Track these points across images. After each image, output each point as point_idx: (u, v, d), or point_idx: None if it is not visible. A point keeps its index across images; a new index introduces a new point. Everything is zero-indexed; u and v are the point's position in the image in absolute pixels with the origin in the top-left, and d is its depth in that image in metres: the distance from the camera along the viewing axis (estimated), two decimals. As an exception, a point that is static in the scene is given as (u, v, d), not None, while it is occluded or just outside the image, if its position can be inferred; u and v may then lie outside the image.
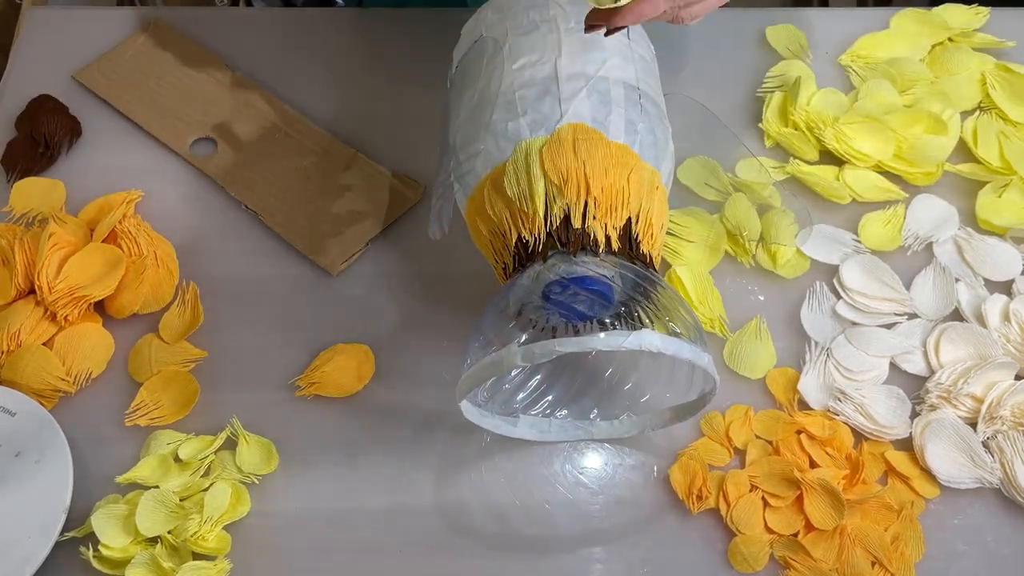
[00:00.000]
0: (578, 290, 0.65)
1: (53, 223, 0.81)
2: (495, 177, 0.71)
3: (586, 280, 0.65)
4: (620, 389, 0.77)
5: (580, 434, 0.75)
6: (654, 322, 0.65)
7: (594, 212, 0.68)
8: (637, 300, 0.66)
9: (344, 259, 0.84)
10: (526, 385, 0.76)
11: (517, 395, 0.76)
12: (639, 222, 0.69)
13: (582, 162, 0.68)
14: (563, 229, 0.68)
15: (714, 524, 0.73)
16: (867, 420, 0.76)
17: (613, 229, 0.68)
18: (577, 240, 0.67)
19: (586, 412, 0.76)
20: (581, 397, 0.76)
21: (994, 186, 0.89)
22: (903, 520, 0.72)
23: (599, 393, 0.77)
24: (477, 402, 0.72)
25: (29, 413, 0.74)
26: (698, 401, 0.71)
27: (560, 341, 0.61)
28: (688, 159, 0.90)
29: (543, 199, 0.69)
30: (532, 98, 0.72)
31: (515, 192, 0.70)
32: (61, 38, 0.98)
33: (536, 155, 0.70)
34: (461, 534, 0.73)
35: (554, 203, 0.68)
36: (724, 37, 1.00)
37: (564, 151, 0.69)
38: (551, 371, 0.76)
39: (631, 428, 0.75)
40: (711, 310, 0.80)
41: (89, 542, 0.70)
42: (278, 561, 0.72)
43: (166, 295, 0.82)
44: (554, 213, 0.68)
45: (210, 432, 0.75)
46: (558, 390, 0.76)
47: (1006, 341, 0.80)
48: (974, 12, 1.00)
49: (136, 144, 0.92)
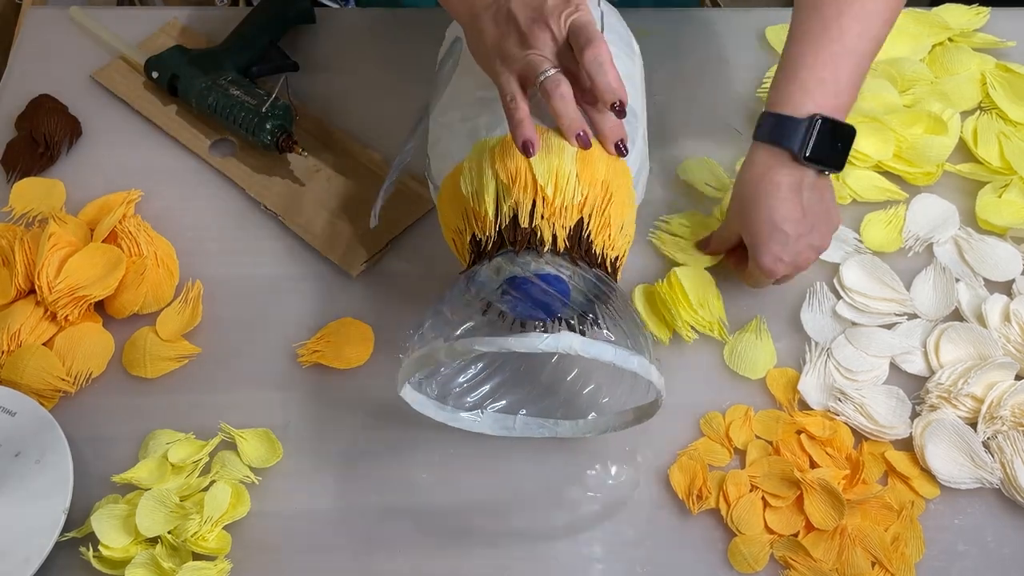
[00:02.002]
0: (533, 289, 0.65)
1: (53, 223, 0.81)
2: (454, 176, 0.72)
3: (535, 280, 0.65)
4: (581, 391, 0.76)
5: (544, 432, 0.74)
6: (609, 327, 0.65)
7: (543, 211, 0.68)
8: (594, 303, 0.66)
9: (363, 260, 0.83)
10: (485, 381, 0.76)
11: (478, 390, 0.75)
12: (591, 223, 0.69)
13: (531, 162, 0.68)
14: (511, 228, 0.68)
15: (714, 524, 0.73)
16: (867, 420, 0.76)
17: (562, 229, 0.68)
18: (524, 239, 0.67)
19: (551, 411, 0.75)
20: (546, 396, 0.76)
21: (994, 186, 0.89)
22: (903, 520, 0.72)
23: (564, 394, 0.76)
24: (434, 395, 0.72)
25: (29, 413, 0.74)
26: (650, 405, 0.70)
27: (479, 340, 0.61)
28: (688, 159, 0.90)
29: (494, 198, 0.69)
30: (491, 99, 0.72)
31: (468, 191, 0.70)
32: (61, 38, 0.98)
33: (488, 154, 0.70)
34: (461, 533, 0.73)
35: (504, 202, 0.69)
36: (724, 37, 1.00)
37: (515, 151, 0.69)
38: (513, 370, 0.76)
39: (592, 429, 0.74)
40: (711, 313, 0.80)
41: (89, 542, 0.70)
42: (278, 561, 0.72)
43: (166, 295, 0.82)
44: (504, 212, 0.68)
45: (208, 430, 0.75)
46: (522, 388, 0.76)
47: (1006, 341, 0.80)
48: (974, 12, 1.00)
49: (136, 144, 0.92)
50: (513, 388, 0.76)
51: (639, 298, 0.82)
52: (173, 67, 0.92)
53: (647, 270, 0.84)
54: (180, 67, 0.92)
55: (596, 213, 0.69)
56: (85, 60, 0.96)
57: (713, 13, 1.04)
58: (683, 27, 1.00)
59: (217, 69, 0.91)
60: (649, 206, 0.87)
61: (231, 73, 0.91)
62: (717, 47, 0.99)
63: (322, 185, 0.88)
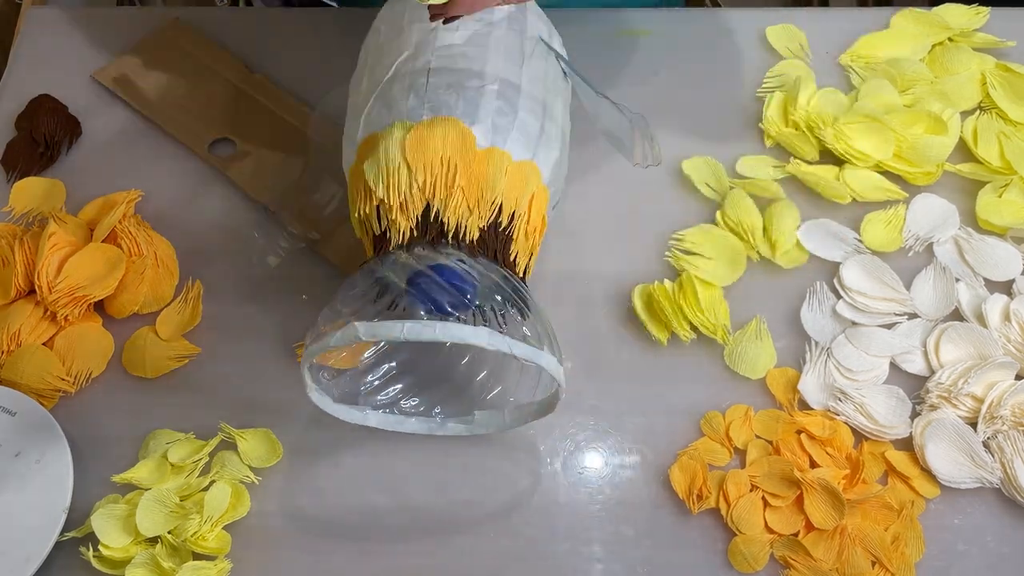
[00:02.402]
0: (438, 281, 0.65)
1: (53, 223, 0.81)
2: (358, 164, 0.73)
3: (443, 271, 0.65)
4: (482, 387, 0.76)
5: (427, 427, 0.74)
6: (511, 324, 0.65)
7: (386, 212, 0.69)
8: (493, 298, 0.66)
9: (363, 261, 0.83)
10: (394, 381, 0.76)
11: (364, 379, 0.75)
12: (503, 216, 0.70)
13: (362, 172, 0.70)
14: (422, 221, 0.69)
15: (714, 524, 0.73)
16: (867, 420, 0.76)
17: (407, 221, 0.68)
18: (433, 231, 0.68)
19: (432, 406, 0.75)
20: (457, 397, 0.76)
21: (994, 186, 0.89)
22: (903, 520, 0.72)
23: (458, 388, 0.76)
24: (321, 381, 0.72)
25: (29, 413, 0.74)
26: (550, 398, 0.70)
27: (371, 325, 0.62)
28: (693, 157, 0.90)
29: (357, 220, 0.70)
30: (350, 129, 0.74)
31: (375, 179, 0.71)
32: (61, 38, 0.98)
33: (398, 145, 0.70)
34: (461, 533, 0.73)
35: (411, 193, 0.69)
36: (724, 37, 1.00)
37: (355, 169, 0.70)
38: (408, 361, 0.76)
39: (488, 425, 0.74)
40: (716, 318, 0.80)
41: (89, 542, 0.70)
42: (278, 561, 0.72)
43: (166, 295, 0.82)
44: (415, 204, 0.69)
45: (208, 430, 0.75)
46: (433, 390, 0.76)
47: (1006, 341, 0.80)
48: (974, 12, 1.00)
49: (136, 144, 0.92)
50: (424, 389, 0.76)
51: (638, 298, 0.82)
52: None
53: (647, 270, 0.84)
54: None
55: (439, 194, 0.69)
56: (85, 60, 0.96)
57: (713, 13, 1.04)
58: (683, 27, 1.00)
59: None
60: (650, 207, 0.87)
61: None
62: (717, 47, 0.99)
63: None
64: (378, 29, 0.81)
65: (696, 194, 0.89)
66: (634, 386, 0.79)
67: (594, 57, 0.96)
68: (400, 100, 0.73)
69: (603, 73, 0.95)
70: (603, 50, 0.97)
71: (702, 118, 0.93)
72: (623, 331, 0.82)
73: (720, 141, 0.92)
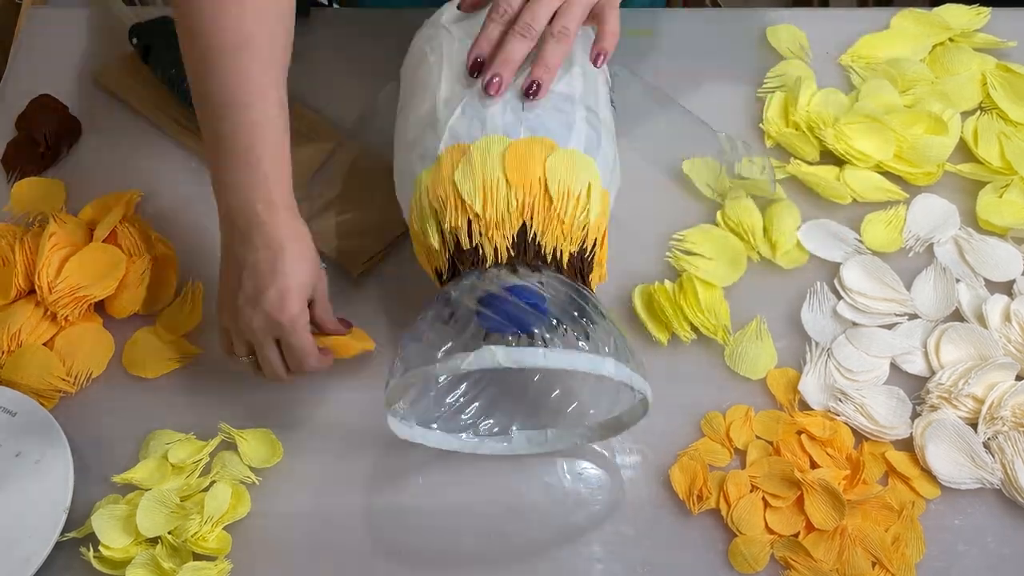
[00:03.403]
0: (506, 304, 0.65)
1: (53, 223, 0.81)
2: (410, 217, 0.73)
3: (507, 295, 0.65)
4: (559, 403, 0.75)
5: (536, 448, 0.74)
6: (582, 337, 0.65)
7: (479, 228, 0.68)
8: (568, 312, 0.66)
9: (365, 260, 0.83)
10: (470, 403, 0.75)
11: (466, 412, 0.75)
12: (588, 242, 0.70)
13: (455, 181, 0.69)
14: (457, 252, 0.69)
15: (714, 524, 0.73)
16: (868, 420, 0.76)
17: (503, 239, 0.68)
18: (469, 259, 0.68)
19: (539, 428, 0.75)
20: (534, 414, 0.75)
21: (995, 186, 0.89)
22: (904, 520, 0.72)
23: (551, 410, 0.75)
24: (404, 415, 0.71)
25: (29, 413, 0.74)
26: (633, 410, 0.70)
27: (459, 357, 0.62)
28: (689, 159, 0.90)
29: (436, 229, 0.70)
30: (418, 134, 0.74)
31: (417, 228, 0.71)
32: (61, 38, 0.98)
33: (424, 187, 0.71)
34: (461, 533, 0.73)
35: (445, 230, 0.69)
36: (724, 37, 1.00)
37: (440, 177, 0.70)
38: (498, 389, 0.75)
39: (566, 441, 0.74)
40: (717, 318, 0.80)
41: (89, 542, 0.70)
42: (278, 561, 0.72)
43: (166, 295, 0.82)
44: (447, 239, 0.69)
45: (208, 430, 0.75)
46: (509, 407, 0.75)
47: (1007, 341, 0.80)
48: (975, 12, 1.00)
49: (136, 144, 0.92)
50: (499, 407, 0.75)
51: (638, 298, 0.82)
52: (151, 35, 0.92)
53: (647, 271, 0.84)
54: (158, 37, 0.92)
55: (537, 214, 0.69)
56: (85, 60, 0.96)
57: (713, 13, 1.04)
58: (683, 27, 1.00)
59: None
60: (650, 208, 0.87)
61: None
62: (717, 47, 0.99)
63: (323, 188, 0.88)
64: (449, 30, 0.78)
65: (696, 194, 0.88)
66: (634, 386, 0.79)
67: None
68: (494, 115, 0.71)
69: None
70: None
71: (702, 118, 0.93)
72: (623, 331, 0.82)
73: (720, 141, 0.92)
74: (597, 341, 0.65)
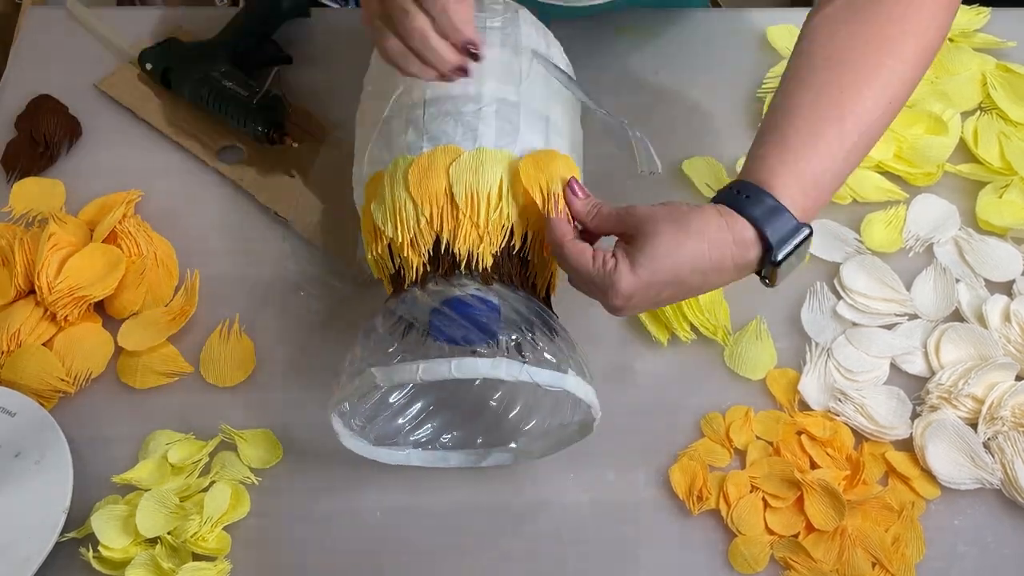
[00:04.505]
0: (463, 313, 0.64)
1: (53, 223, 0.81)
2: (366, 210, 0.72)
3: (456, 305, 0.64)
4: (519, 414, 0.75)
5: (470, 460, 0.74)
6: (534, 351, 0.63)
7: (466, 234, 0.68)
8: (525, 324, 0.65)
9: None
10: (407, 408, 0.75)
11: (398, 420, 0.74)
12: (516, 239, 0.69)
13: (451, 182, 0.68)
14: (435, 253, 0.68)
15: (714, 525, 0.73)
16: (867, 421, 0.76)
17: (418, 257, 0.68)
18: (445, 263, 0.67)
19: (474, 437, 0.74)
20: (470, 421, 0.75)
21: (994, 186, 0.89)
22: (904, 521, 0.72)
23: (488, 418, 0.75)
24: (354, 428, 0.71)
25: (29, 413, 0.74)
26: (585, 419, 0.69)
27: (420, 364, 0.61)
28: (693, 157, 0.90)
29: (411, 225, 0.69)
30: (354, 167, 0.74)
31: (382, 219, 0.70)
32: (61, 38, 0.98)
33: (401, 181, 0.70)
34: (461, 534, 0.73)
35: (421, 227, 0.69)
36: (724, 37, 1.00)
37: (366, 208, 0.70)
38: (437, 396, 0.75)
39: (529, 453, 0.73)
40: (716, 318, 0.80)
41: (89, 543, 0.70)
42: (278, 561, 0.72)
43: (166, 295, 0.82)
44: (423, 238, 0.68)
45: (208, 431, 0.75)
46: (447, 414, 0.75)
47: (1006, 342, 0.80)
48: (975, 12, 1.00)
49: (136, 144, 0.91)
50: (463, 421, 0.75)
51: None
52: (167, 59, 0.92)
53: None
54: (174, 59, 0.92)
55: (447, 224, 0.68)
56: (85, 60, 0.96)
57: (713, 13, 1.04)
58: (683, 27, 1.00)
59: (211, 61, 0.91)
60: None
61: (225, 65, 0.91)
62: (717, 47, 0.99)
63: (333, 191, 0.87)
64: (373, 66, 0.80)
65: (696, 194, 0.88)
66: (634, 386, 0.79)
67: (595, 58, 0.97)
68: (399, 135, 0.72)
69: (604, 73, 0.95)
70: (604, 50, 0.97)
71: (702, 118, 0.93)
72: (623, 331, 0.82)
73: (720, 141, 0.92)
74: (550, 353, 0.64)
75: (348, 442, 0.70)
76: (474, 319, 0.63)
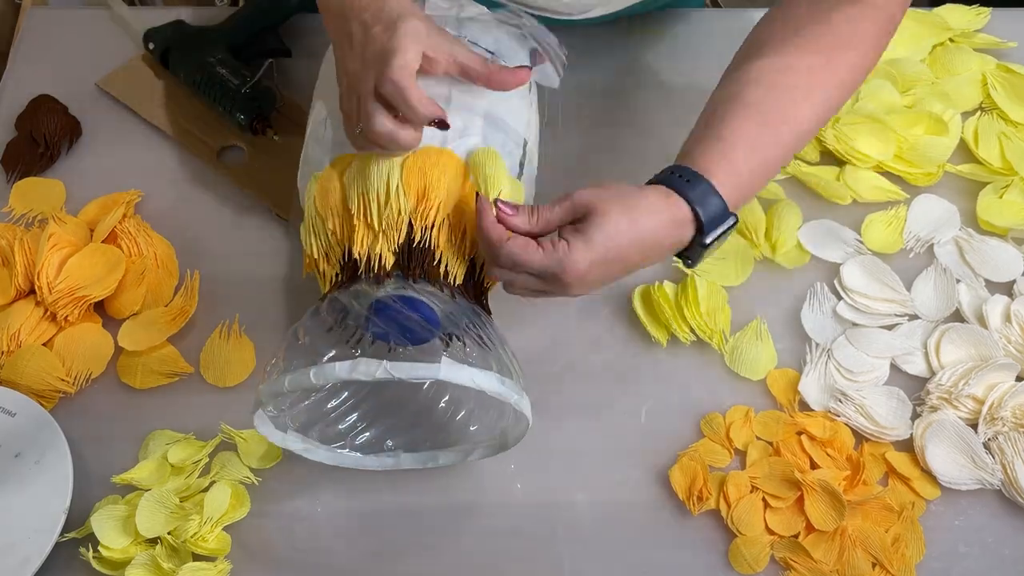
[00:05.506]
0: (405, 312, 0.64)
1: (53, 223, 0.81)
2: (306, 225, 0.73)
3: (412, 303, 0.64)
4: (452, 418, 0.74)
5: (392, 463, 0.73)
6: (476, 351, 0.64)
7: (367, 237, 0.68)
8: (465, 330, 0.64)
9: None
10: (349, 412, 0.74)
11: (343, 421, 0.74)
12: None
13: (343, 189, 0.69)
14: (406, 248, 0.68)
15: (714, 525, 0.73)
16: (868, 421, 0.76)
17: (332, 269, 0.69)
18: (418, 261, 0.67)
19: (419, 441, 0.74)
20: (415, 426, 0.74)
21: (995, 187, 0.89)
22: (904, 521, 0.72)
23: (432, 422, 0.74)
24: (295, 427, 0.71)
25: (29, 413, 0.74)
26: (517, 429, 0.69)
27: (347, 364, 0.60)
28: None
29: (334, 233, 0.70)
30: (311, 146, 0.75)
31: (309, 237, 0.71)
32: (61, 38, 0.98)
33: (311, 198, 0.71)
34: (461, 534, 0.73)
35: (336, 236, 0.69)
36: (724, 37, 1.00)
37: (331, 184, 0.70)
38: (379, 399, 0.74)
39: (451, 459, 0.73)
40: (715, 323, 0.80)
41: (89, 543, 0.70)
42: (278, 561, 0.72)
43: (166, 295, 0.82)
44: (400, 231, 0.68)
45: (208, 431, 0.75)
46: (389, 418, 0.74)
47: (1007, 342, 0.80)
48: (975, 12, 1.00)
49: (136, 144, 0.91)
50: (379, 418, 0.74)
51: (638, 299, 0.82)
52: (169, 40, 0.93)
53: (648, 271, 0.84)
54: (175, 41, 0.93)
55: (344, 232, 0.69)
56: (86, 60, 0.96)
57: (713, 13, 1.04)
58: (683, 27, 1.00)
59: (210, 47, 0.92)
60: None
61: (222, 53, 0.92)
62: (717, 47, 0.99)
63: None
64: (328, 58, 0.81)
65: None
66: (634, 386, 0.79)
67: (595, 58, 0.96)
68: (313, 153, 0.75)
69: (604, 73, 0.95)
70: (604, 50, 0.97)
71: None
72: (623, 332, 0.82)
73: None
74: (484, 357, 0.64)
75: (265, 432, 0.69)
76: (410, 320, 0.64)
